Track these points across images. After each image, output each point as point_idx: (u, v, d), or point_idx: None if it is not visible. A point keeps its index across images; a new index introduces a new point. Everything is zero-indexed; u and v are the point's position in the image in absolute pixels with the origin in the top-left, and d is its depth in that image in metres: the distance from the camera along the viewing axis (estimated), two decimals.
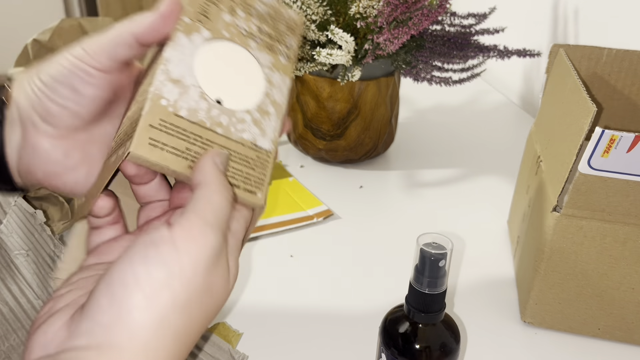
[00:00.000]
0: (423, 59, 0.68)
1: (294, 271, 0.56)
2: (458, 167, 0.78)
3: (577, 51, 0.56)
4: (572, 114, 0.44)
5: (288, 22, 0.38)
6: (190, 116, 0.31)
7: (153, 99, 0.30)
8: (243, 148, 0.32)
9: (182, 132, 0.30)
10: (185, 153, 0.30)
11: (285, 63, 0.36)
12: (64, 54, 0.32)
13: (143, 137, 0.29)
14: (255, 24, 0.35)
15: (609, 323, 0.47)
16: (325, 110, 0.71)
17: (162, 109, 0.30)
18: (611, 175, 0.41)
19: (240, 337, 0.47)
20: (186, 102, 0.31)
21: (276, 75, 0.36)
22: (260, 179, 0.33)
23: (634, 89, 0.56)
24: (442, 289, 0.35)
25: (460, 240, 0.62)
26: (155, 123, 0.29)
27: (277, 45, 0.36)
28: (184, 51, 0.32)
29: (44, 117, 0.32)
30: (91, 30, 0.88)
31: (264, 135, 0.34)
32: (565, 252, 0.45)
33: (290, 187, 0.70)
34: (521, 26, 1.00)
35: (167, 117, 0.30)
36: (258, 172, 0.33)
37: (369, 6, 0.62)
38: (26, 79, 0.33)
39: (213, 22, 0.34)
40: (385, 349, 0.37)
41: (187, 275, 0.26)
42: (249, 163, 0.32)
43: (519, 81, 1.05)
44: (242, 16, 0.35)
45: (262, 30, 0.36)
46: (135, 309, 0.25)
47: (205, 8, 0.33)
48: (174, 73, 0.31)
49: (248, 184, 0.32)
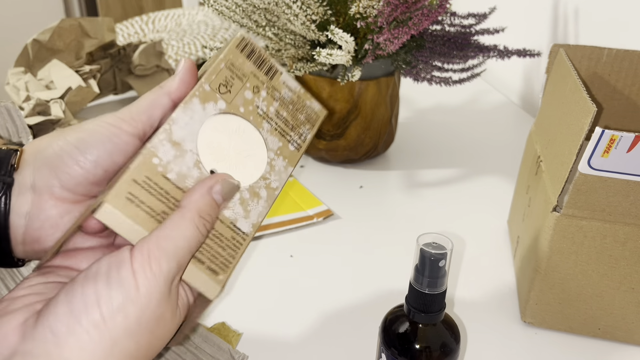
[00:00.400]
0: (423, 59, 0.68)
1: (294, 271, 0.56)
2: (458, 167, 0.78)
3: (577, 51, 0.56)
4: (572, 114, 0.44)
5: (309, 114, 0.37)
6: (177, 181, 0.30)
7: (146, 155, 0.30)
8: (220, 225, 0.32)
9: (164, 194, 0.30)
10: (160, 215, 0.29)
11: (293, 151, 0.36)
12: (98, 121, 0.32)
13: (122, 189, 0.28)
14: (274, 107, 0.35)
15: (609, 323, 0.47)
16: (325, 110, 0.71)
17: (151, 166, 0.29)
18: (611, 175, 0.41)
19: (240, 337, 0.47)
20: (178, 166, 0.30)
21: (280, 161, 0.35)
22: (227, 260, 0.32)
23: (634, 89, 0.56)
24: (442, 289, 0.35)
25: (460, 240, 0.62)
26: (139, 179, 0.29)
27: (291, 132, 0.36)
28: (194, 116, 0.32)
29: (64, 182, 0.32)
30: (91, 30, 0.87)
31: (247, 218, 0.33)
32: (565, 252, 0.45)
33: (290, 187, 0.70)
34: (521, 26, 1.00)
35: (153, 176, 0.29)
36: (227, 254, 0.32)
37: (369, 6, 0.62)
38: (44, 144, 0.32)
39: (233, 95, 0.33)
40: (385, 349, 0.37)
41: (142, 302, 0.26)
42: (222, 242, 0.32)
43: (519, 81, 1.05)
44: (263, 96, 0.35)
45: (280, 115, 0.36)
46: (91, 326, 0.25)
47: (229, 80, 0.33)
48: (176, 135, 0.31)
49: (214, 262, 0.31)
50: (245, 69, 0.34)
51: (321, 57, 0.59)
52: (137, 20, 1.31)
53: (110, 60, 0.90)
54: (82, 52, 0.86)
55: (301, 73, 0.65)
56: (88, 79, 0.80)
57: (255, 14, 0.62)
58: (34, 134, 0.70)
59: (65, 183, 0.32)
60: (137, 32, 1.26)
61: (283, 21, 0.62)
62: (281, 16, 0.60)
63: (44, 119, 0.70)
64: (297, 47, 0.65)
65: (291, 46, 0.64)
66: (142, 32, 1.26)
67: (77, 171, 0.32)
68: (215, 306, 0.51)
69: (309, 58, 0.67)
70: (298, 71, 0.65)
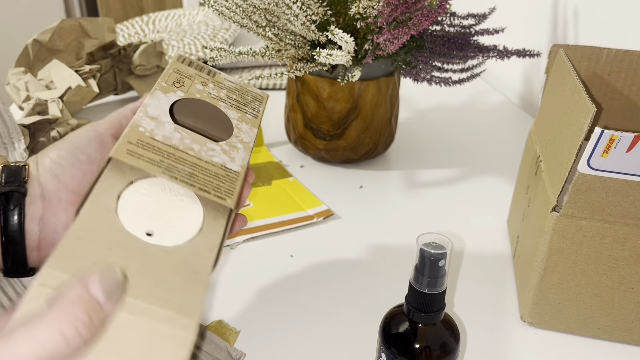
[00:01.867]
0: (423, 59, 0.68)
1: (294, 271, 0.56)
2: (458, 167, 0.78)
3: (577, 51, 0.56)
4: (572, 114, 0.44)
5: (254, 95, 0.44)
6: (164, 140, 0.35)
7: (132, 126, 0.35)
8: (213, 167, 0.36)
9: (157, 149, 0.34)
10: (159, 163, 0.33)
11: (252, 119, 0.42)
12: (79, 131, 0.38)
13: (122, 148, 0.33)
14: (224, 93, 0.42)
15: (609, 323, 0.47)
16: (325, 110, 0.71)
17: (140, 133, 0.35)
18: (611, 175, 0.41)
19: (237, 335, 0.47)
20: (161, 131, 0.36)
21: (243, 125, 0.41)
22: (230, 190, 0.35)
23: (634, 89, 0.56)
24: (442, 288, 0.35)
25: (460, 240, 0.62)
26: (133, 140, 0.34)
27: (245, 107, 0.43)
28: (161, 102, 0.38)
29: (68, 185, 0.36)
30: (91, 30, 0.88)
31: (233, 161, 0.37)
32: (564, 252, 0.45)
33: (291, 187, 0.70)
34: (521, 26, 1.00)
35: (144, 139, 0.34)
36: (227, 185, 0.36)
37: (369, 6, 0.62)
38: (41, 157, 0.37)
39: (187, 88, 0.40)
40: (385, 349, 0.38)
41: None
42: (219, 178, 0.36)
43: (519, 81, 1.05)
44: (212, 87, 0.42)
45: (230, 97, 0.42)
46: None
47: (180, 79, 0.41)
48: (151, 113, 0.36)
49: (218, 192, 0.35)
50: (189, 72, 0.42)
51: (321, 57, 0.59)
52: (137, 20, 1.31)
53: (110, 60, 0.90)
54: (82, 53, 0.86)
55: (301, 73, 0.65)
56: (88, 79, 0.80)
57: (255, 14, 0.62)
58: (31, 133, 0.70)
59: (69, 185, 0.36)
60: (138, 33, 1.26)
61: (283, 21, 0.62)
62: (281, 16, 0.60)
63: (41, 118, 0.70)
64: (297, 47, 0.65)
65: (291, 46, 0.65)
66: (142, 33, 1.26)
67: (77, 172, 0.37)
68: (213, 304, 0.51)
69: (309, 58, 0.67)
70: (298, 71, 0.65)
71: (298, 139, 0.76)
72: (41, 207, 0.36)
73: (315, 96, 0.71)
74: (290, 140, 0.79)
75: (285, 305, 0.51)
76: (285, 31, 0.64)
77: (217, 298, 0.52)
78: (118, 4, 2.45)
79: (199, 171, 0.35)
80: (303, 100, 0.73)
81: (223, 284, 0.54)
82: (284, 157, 0.79)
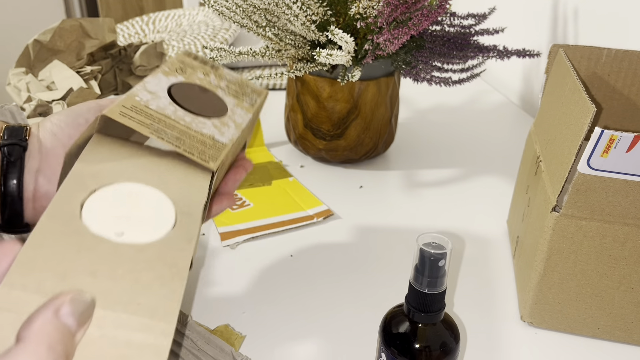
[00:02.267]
0: (423, 59, 0.68)
1: (294, 271, 0.56)
2: (458, 167, 0.78)
3: (577, 51, 0.56)
4: (572, 114, 0.44)
5: (254, 89, 0.45)
6: (158, 110, 0.37)
7: (129, 94, 0.37)
8: (201, 136, 0.37)
9: (149, 115, 0.36)
10: (149, 126, 0.35)
11: (248, 107, 0.43)
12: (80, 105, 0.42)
13: (115, 109, 0.35)
14: (224, 82, 0.44)
15: (609, 323, 0.47)
16: (325, 110, 0.71)
17: (135, 101, 0.36)
18: (610, 175, 0.41)
19: (243, 340, 0.47)
20: (156, 103, 0.37)
21: (239, 110, 0.42)
22: (214, 155, 0.37)
23: (634, 89, 0.56)
24: (442, 288, 0.35)
25: (460, 240, 0.62)
26: (127, 105, 0.36)
27: (243, 97, 0.44)
28: (160, 81, 0.40)
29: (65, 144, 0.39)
30: (91, 31, 0.88)
31: (222, 135, 0.39)
32: (564, 252, 0.45)
33: (290, 187, 0.71)
34: (521, 26, 1.00)
35: (138, 105, 0.36)
36: (213, 152, 0.37)
37: (369, 7, 0.62)
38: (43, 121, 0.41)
39: (188, 75, 0.42)
40: (385, 349, 0.38)
41: None
42: (205, 145, 0.37)
43: (519, 81, 1.05)
44: (213, 77, 0.43)
45: (230, 87, 0.44)
46: None
47: (183, 68, 0.42)
48: (149, 87, 0.38)
49: (203, 155, 0.36)
50: (193, 64, 0.43)
51: (321, 57, 0.59)
52: (137, 20, 1.31)
53: (111, 60, 0.90)
54: (83, 53, 0.86)
55: (301, 73, 0.65)
56: (89, 80, 0.81)
57: (255, 14, 0.62)
58: None
59: (67, 143, 0.39)
60: (138, 33, 1.26)
61: (283, 21, 0.62)
62: (281, 17, 0.60)
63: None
64: (297, 47, 0.65)
65: (291, 46, 0.65)
66: (142, 33, 1.26)
67: (74, 132, 0.40)
68: (213, 304, 0.51)
69: (309, 58, 0.67)
70: (298, 71, 0.65)
71: (298, 139, 0.76)
72: (38, 160, 0.39)
73: (315, 96, 0.71)
74: (290, 140, 0.79)
75: (285, 305, 0.51)
76: (285, 31, 0.64)
77: (217, 298, 0.52)
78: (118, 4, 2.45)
79: (187, 137, 0.37)
80: (303, 100, 0.73)
81: (223, 284, 0.54)
82: (284, 157, 0.79)
